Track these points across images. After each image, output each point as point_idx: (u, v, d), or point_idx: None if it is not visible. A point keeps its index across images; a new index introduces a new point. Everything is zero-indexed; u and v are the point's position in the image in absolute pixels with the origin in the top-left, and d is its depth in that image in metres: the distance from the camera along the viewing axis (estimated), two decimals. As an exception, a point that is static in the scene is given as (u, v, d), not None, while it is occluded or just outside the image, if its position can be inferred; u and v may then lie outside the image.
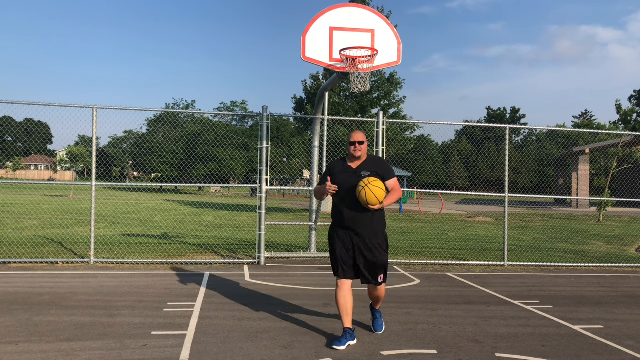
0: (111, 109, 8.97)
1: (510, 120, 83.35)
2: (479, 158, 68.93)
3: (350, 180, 4.66)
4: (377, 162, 4.86)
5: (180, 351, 4.38)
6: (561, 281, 8.22)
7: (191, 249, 10.34)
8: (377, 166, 4.77)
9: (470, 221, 20.73)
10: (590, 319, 5.83)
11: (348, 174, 4.71)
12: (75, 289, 6.65)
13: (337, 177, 4.72)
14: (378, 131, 9.44)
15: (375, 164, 4.79)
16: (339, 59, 8.41)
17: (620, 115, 39.05)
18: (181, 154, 49.80)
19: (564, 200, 39.11)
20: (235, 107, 67.86)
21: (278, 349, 4.50)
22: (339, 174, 4.73)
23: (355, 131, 4.82)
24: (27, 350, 4.30)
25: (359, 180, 4.59)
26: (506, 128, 10.16)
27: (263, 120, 9.17)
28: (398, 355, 4.41)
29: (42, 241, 10.85)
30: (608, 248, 12.78)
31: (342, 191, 4.67)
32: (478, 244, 12.70)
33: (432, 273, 8.59)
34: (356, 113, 26.60)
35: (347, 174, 4.71)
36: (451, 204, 35.87)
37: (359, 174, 4.67)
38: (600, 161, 39.29)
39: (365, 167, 4.73)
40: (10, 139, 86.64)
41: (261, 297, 6.48)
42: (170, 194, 42.68)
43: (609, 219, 23.51)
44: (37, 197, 29.87)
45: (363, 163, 4.78)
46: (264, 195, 9.17)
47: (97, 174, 11.15)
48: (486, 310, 6.07)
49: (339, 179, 4.70)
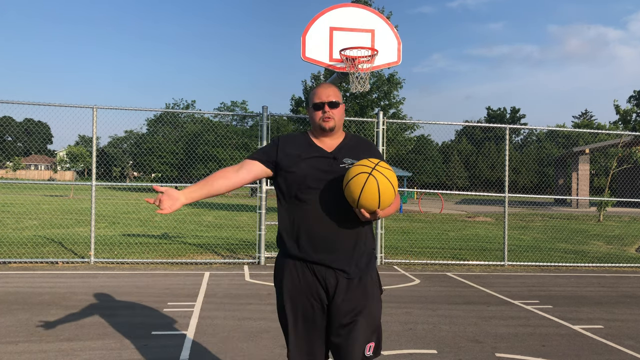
0: (111, 109, 8.98)
1: (510, 120, 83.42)
2: (479, 158, 68.94)
3: (324, 169, 2.55)
4: (362, 143, 2.71)
5: (180, 351, 4.38)
6: (561, 281, 8.22)
7: (191, 249, 10.34)
8: (365, 150, 2.66)
9: (470, 221, 20.74)
10: (590, 319, 5.83)
11: (319, 162, 2.57)
12: (75, 289, 6.65)
13: (297, 169, 2.55)
14: (378, 131, 9.44)
15: (361, 148, 2.67)
16: (339, 59, 8.41)
17: (620, 115, 39.05)
18: (181, 154, 49.81)
19: (564, 200, 39.12)
20: (235, 107, 67.88)
21: (278, 349, 4.50)
22: (303, 162, 2.56)
23: (322, 85, 2.69)
24: (27, 350, 4.31)
25: (339, 172, 2.54)
26: (506, 128, 10.17)
27: (263, 120, 9.18)
28: (398, 355, 4.41)
29: (42, 241, 10.85)
30: (608, 248, 12.79)
31: (307, 192, 2.53)
32: (478, 244, 12.70)
33: (432, 273, 8.60)
34: (356, 113, 26.59)
35: (316, 162, 2.57)
36: (451, 204, 35.87)
37: (339, 162, 2.57)
38: (600, 161, 39.28)
39: (346, 150, 2.63)
40: (10, 139, 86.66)
41: (261, 297, 6.48)
42: (170, 194, 42.56)
43: (609, 219, 23.51)
44: (37, 197, 29.87)
45: (342, 144, 2.65)
46: (264, 195, 9.17)
47: (97, 174, 11.15)
48: (486, 310, 6.07)
49: (303, 171, 2.54)
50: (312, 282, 2.52)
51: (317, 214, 2.51)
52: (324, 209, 2.52)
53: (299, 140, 2.66)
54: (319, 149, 2.62)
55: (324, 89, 2.65)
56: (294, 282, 2.54)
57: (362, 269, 2.56)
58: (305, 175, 2.54)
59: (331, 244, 2.51)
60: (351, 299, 2.51)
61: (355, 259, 2.55)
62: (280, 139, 2.69)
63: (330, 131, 2.62)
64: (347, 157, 2.60)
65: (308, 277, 2.53)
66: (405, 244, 12.08)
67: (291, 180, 2.57)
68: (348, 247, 2.54)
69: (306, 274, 2.53)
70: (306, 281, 2.53)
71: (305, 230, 2.52)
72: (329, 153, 2.61)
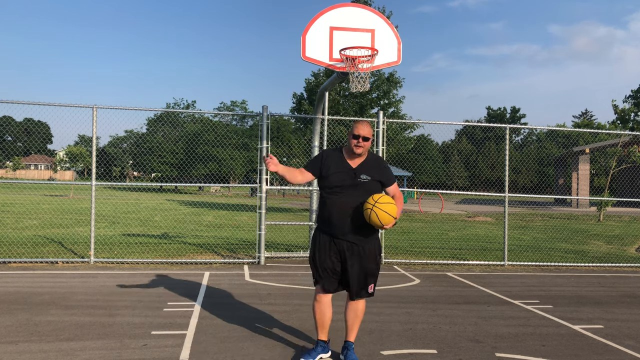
0: (111, 109, 8.97)
1: (510, 120, 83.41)
2: (479, 158, 68.95)
3: (347, 182, 4.03)
4: (377, 163, 4.19)
5: (180, 351, 4.38)
6: (561, 281, 8.22)
7: (191, 249, 10.34)
8: (378, 169, 4.15)
9: (470, 221, 20.74)
10: (590, 318, 5.83)
11: (345, 174, 4.06)
12: (75, 289, 6.65)
13: (331, 177, 4.06)
14: (378, 131, 9.44)
15: (376, 167, 4.15)
16: (339, 58, 8.41)
17: (618, 115, 39.04)
18: (181, 153, 49.82)
19: (564, 200, 39.13)
20: (235, 106, 67.89)
21: (278, 349, 4.50)
22: (335, 174, 4.06)
23: (361, 122, 4.11)
24: (27, 350, 4.30)
25: (356, 184, 4.02)
26: (506, 128, 10.16)
27: (263, 120, 9.17)
28: (398, 355, 4.41)
29: (42, 241, 10.85)
30: (608, 248, 12.79)
31: (334, 193, 4.05)
32: (478, 244, 12.70)
33: (432, 273, 8.59)
34: (355, 112, 26.58)
35: (343, 174, 4.06)
36: (451, 204, 35.87)
37: (357, 177, 4.04)
38: (600, 161, 39.28)
39: (364, 168, 4.09)
40: (10, 139, 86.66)
41: (261, 297, 6.48)
42: (170, 193, 42.68)
43: (609, 219, 23.51)
44: (37, 196, 29.87)
45: (363, 163, 4.12)
46: (264, 195, 9.17)
47: (97, 173, 11.15)
48: (486, 310, 6.07)
49: (334, 179, 4.05)
50: (332, 247, 4.09)
51: (338, 206, 4.04)
52: (343, 204, 4.03)
53: (336, 156, 4.16)
54: (346, 165, 4.11)
55: (363, 126, 4.06)
56: (321, 245, 4.12)
57: (363, 241, 4.08)
58: (334, 182, 4.07)
59: (344, 225, 4.03)
60: (355, 258, 4.07)
61: (359, 236, 4.05)
62: (323, 154, 4.21)
63: (359, 156, 4.12)
64: (363, 173, 4.08)
65: (330, 243, 4.09)
66: (405, 244, 12.08)
67: (326, 183, 4.12)
68: (355, 228, 4.03)
69: (329, 241, 4.10)
70: (328, 245, 4.10)
71: (330, 215, 4.07)
72: (353, 169, 4.10)
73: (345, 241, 4.04)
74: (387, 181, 4.21)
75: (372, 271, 4.14)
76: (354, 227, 4.02)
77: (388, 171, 4.23)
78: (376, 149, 9.46)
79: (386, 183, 4.21)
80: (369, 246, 4.10)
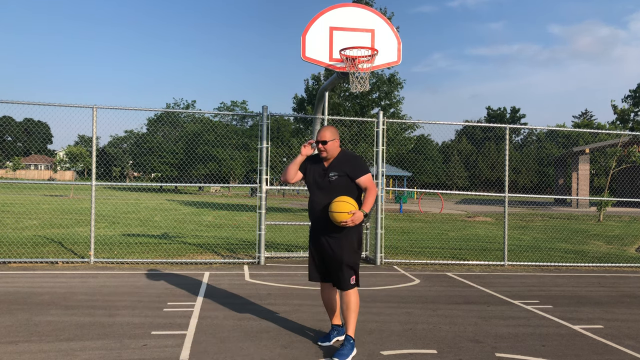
0: (111, 109, 8.97)
1: (510, 120, 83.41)
2: (479, 158, 68.95)
3: (318, 180, 4.46)
4: (347, 159, 4.46)
5: (180, 351, 4.38)
6: (561, 281, 8.22)
7: (191, 249, 10.34)
8: (346, 164, 4.42)
9: (470, 221, 20.74)
10: (590, 319, 5.83)
11: (317, 174, 4.49)
12: (75, 289, 6.65)
13: (308, 176, 4.55)
14: (378, 131, 9.43)
15: (345, 162, 4.44)
16: (339, 58, 8.41)
17: (617, 115, 39.03)
18: (181, 153, 49.82)
19: (564, 200, 39.12)
20: (236, 106, 67.91)
21: (278, 349, 4.50)
22: (311, 174, 4.52)
23: (322, 127, 4.49)
24: (27, 350, 4.30)
25: (327, 182, 4.40)
26: (506, 128, 10.16)
27: (263, 120, 9.17)
28: (398, 355, 4.41)
29: (42, 241, 10.85)
30: (608, 248, 12.79)
31: (311, 191, 4.51)
32: (478, 244, 12.70)
33: (432, 273, 8.59)
34: (356, 113, 26.58)
35: (316, 174, 4.49)
36: (451, 204, 35.87)
37: (327, 175, 4.43)
38: (600, 161, 39.30)
39: (334, 167, 4.43)
40: (10, 139, 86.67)
41: (261, 297, 6.48)
42: (170, 193, 42.68)
43: (609, 219, 23.52)
44: (37, 197, 29.87)
45: (334, 161, 4.47)
46: (264, 195, 9.17)
47: (97, 173, 11.14)
48: (486, 310, 6.07)
49: (310, 178, 4.53)
50: (314, 240, 4.53)
51: (315, 203, 4.49)
52: (320, 201, 4.44)
53: (317, 158, 4.56)
54: (321, 166, 4.52)
55: (322, 132, 4.43)
56: (310, 238, 4.61)
57: (340, 235, 4.38)
58: (310, 180, 4.56)
59: (320, 220, 4.44)
60: (335, 250, 4.39)
61: (334, 231, 4.38)
62: (308, 159, 4.60)
63: (325, 159, 4.51)
64: (333, 171, 4.44)
65: (313, 237, 4.54)
66: (405, 244, 12.08)
67: (306, 182, 4.61)
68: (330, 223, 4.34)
69: (313, 235, 4.55)
70: (313, 239, 4.55)
71: (311, 211, 4.54)
72: (325, 168, 4.49)
73: (323, 235, 4.42)
74: (352, 174, 4.37)
75: (350, 263, 4.36)
76: (329, 222, 4.33)
77: (356, 165, 4.42)
78: (376, 149, 9.46)
79: (352, 176, 4.37)
80: (345, 239, 4.36)
